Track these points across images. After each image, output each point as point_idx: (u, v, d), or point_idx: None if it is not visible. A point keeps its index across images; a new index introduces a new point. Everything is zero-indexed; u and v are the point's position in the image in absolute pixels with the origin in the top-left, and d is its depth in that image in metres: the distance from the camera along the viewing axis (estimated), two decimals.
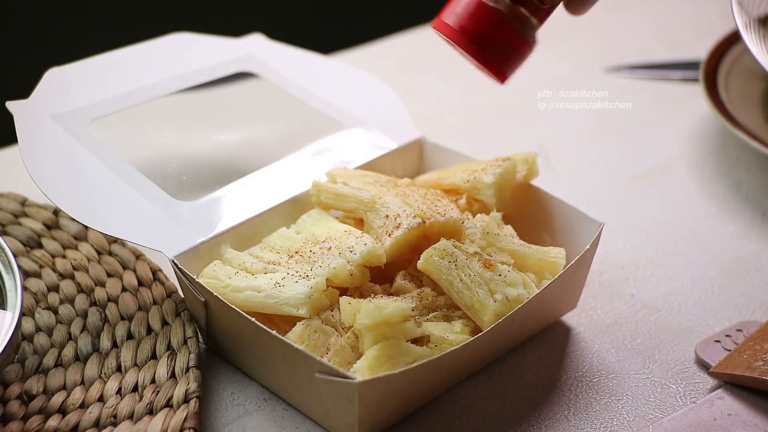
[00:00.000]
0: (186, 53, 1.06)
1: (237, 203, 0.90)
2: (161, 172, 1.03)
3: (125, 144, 1.07)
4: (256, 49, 1.09)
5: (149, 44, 1.05)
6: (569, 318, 0.90)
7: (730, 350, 0.85)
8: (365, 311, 0.75)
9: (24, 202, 0.97)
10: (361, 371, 0.74)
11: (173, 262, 0.82)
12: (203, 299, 0.81)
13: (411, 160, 0.99)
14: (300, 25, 1.87)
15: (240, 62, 1.07)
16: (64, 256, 0.91)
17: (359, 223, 0.89)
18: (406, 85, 1.23)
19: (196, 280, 0.81)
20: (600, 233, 0.84)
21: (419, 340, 0.78)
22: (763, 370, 0.80)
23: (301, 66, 1.08)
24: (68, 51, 1.10)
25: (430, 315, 0.81)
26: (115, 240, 0.93)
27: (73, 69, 0.99)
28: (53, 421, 0.77)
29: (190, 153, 1.10)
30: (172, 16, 1.76)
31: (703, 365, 0.85)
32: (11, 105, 0.92)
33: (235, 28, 1.16)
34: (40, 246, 0.93)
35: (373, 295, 0.82)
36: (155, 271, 0.90)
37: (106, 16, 1.77)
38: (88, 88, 0.98)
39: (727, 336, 0.87)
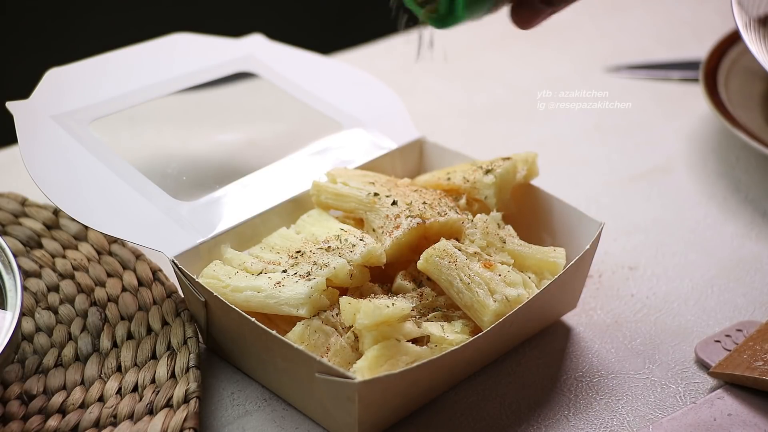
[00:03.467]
0: (186, 53, 1.06)
1: (237, 203, 0.90)
2: (161, 172, 1.03)
3: (125, 144, 1.07)
4: (256, 50, 1.09)
5: (149, 44, 1.05)
6: (569, 318, 0.90)
7: (730, 350, 0.85)
8: (365, 311, 0.75)
9: (24, 202, 0.96)
10: (360, 371, 0.73)
11: (173, 262, 0.82)
12: (203, 299, 0.81)
13: (411, 160, 0.99)
14: (300, 25, 1.87)
15: (240, 62, 1.07)
16: (64, 256, 0.91)
17: (359, 223, 0.89)
18: (406, 86, 1.23)
19: (196, 280, 0.80)
20: (600, 233, 0.84)
21: (419, 340, 0.78)
22: (763, 370, 0.80)
23: (302, 66, 1.08)
24: (69, 51, 1.10)
25: (430, 315, 0.81)
26: (115, 240, 0.92)
27: (73, 69, 0.99)
28: (53, 421, 0.77)
29: (190, 153, 1.10)
30: (172, 17, 1.76)
31: (703, 365, 0.85)
32: (11, 105, 0.92)
33: (235, 29, 1.16)
34: (40, 246, 0.92)
35: (373, 295, 0.82)
36: (155, 271, 0.90)
37: (106, 17, 1.77)
38: (89, 89, 0.98)
39: (727, 336, 0.87)
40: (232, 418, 0.80)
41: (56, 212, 0.95)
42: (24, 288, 0.79)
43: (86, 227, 0.93)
